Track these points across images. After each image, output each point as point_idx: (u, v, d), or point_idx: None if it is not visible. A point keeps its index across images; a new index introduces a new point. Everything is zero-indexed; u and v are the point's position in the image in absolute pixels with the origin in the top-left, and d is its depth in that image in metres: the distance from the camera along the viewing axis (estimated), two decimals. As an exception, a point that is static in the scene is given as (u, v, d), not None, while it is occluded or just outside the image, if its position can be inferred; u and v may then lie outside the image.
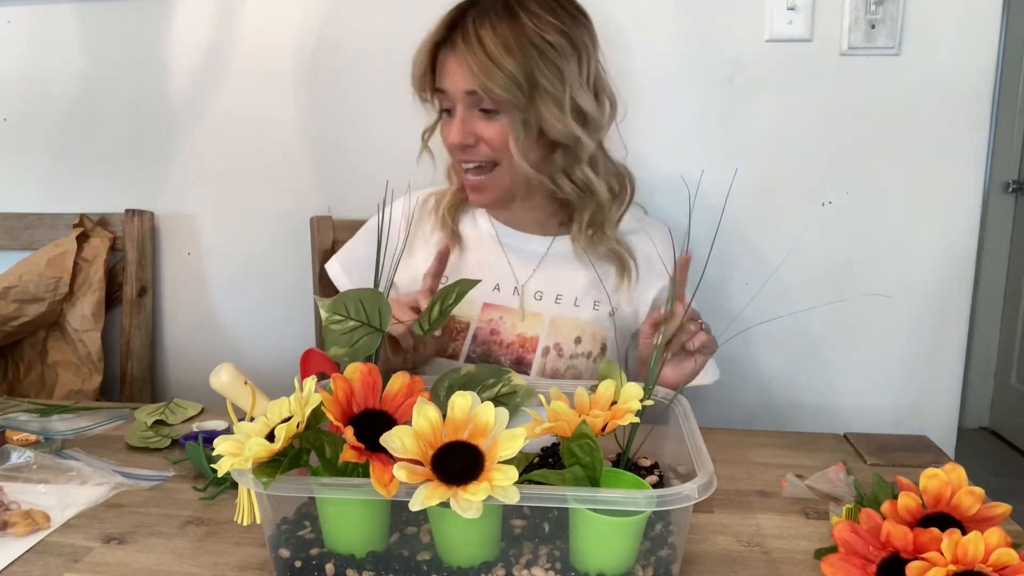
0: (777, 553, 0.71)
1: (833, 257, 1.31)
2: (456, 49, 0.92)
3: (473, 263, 1.07)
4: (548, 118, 0.91)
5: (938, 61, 1.24)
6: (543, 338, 1.03)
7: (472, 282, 0.79)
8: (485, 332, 1.04)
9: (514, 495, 0.55)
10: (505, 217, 1.08)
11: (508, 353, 1.03)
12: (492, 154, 0.96)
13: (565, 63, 0.91)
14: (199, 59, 1.40)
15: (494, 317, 1.04)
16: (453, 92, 0.94)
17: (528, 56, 0.89)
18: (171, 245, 1.47)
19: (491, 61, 0.89)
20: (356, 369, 0.65)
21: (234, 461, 0.58)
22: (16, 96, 1.47)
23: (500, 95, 0.90)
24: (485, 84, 0.90)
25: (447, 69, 0.94)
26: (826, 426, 1.31)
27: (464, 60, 0.91)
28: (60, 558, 0.69)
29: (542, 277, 1.05)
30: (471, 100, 0.93)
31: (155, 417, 1.02)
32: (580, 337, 1.03)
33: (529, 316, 1.04)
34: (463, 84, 0.92)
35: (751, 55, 1.27)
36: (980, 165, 1.27)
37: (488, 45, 0.89)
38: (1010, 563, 0.55)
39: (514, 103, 0.91)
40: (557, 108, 0.91)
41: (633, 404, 0.66)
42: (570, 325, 1.04)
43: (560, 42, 0.91)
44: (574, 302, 1.04)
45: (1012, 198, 2.87)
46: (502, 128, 0.93)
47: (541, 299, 1.04)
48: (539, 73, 0.90)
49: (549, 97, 0.91)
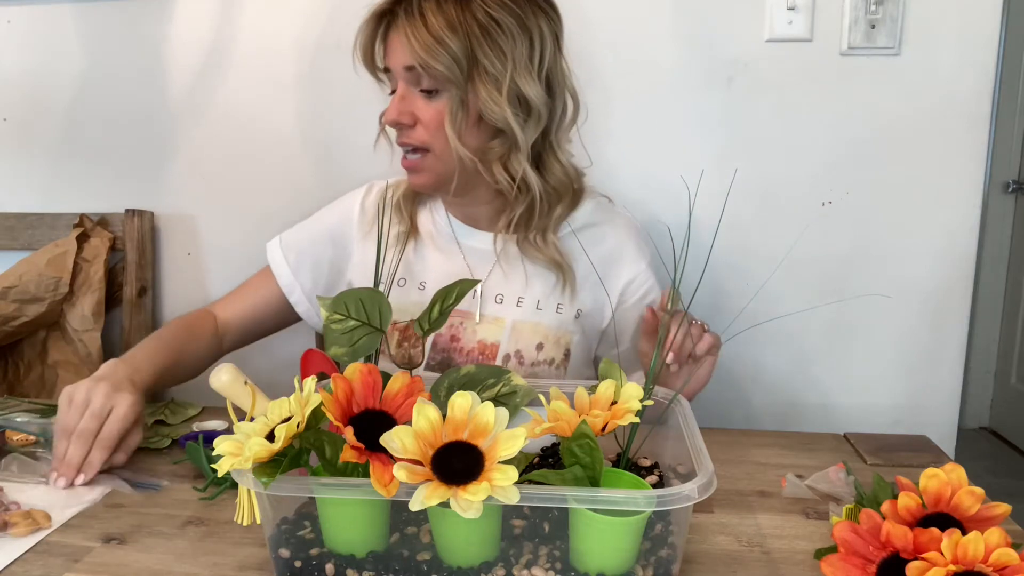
0: (777, 553, 0.71)
1: (833, 257, 1.31)
2: (398, 23, 0.90)
3: (432, 259, 1.04)
4: (485, 98, 0.88)
5: (938, 61, 1.24)
6: (504, 344, 1.00)
7: (472, 282, 0.78)
8: (445, 339, 1.01)
9: (514, 495, 0.55)
10: (459, 213, 1.04)
11: (468, 361, 1.00)
12: (427, 137, 0.92)
13: (511, 45, 0.88)
14: (199, 59, 1.40)
15: (454, 323, 1.01)
16: (394, 69, 0.92)
17: (471, 33, 0.87)
18: (171, 245, 1.47)
19: (432, 36, 0.86)
20: (356, 369, 0.65)
21: (234, 461, 0.58)
22: (16, 96, 1.47)
23: (438, 71, 0.87)
24: (424, 59, 0.87)
25: (390, 45, 0.92)
26: (826, 426, 1.31)
27: (405, 34, 0.88)
28: (60, 558, 0.69)
29: (500, 277, 1.01)
30: (411, 77, 0.91)
31: (155, 417, 1.02)
32: (542, 343, 1.00)
33: (489, 320, 1.00)
34: (403, 59, 0.90)
35: (751, 55, 1.27)
36: (980, 165, 1.27)
37: (430, 19, 0.87)
38: (1010, 563, 0.55)
39: (452, 80, 0.88)
40: (496, 90, 0.88)
41: (633, 404, 0.66)
42: (532, 330, 1.00)
43: (508, 22, 0.88)
44: (536, 305, 1.01)
45: (1012, 198, 2.87)
46: (440, 109, 0.90)
47: (502, 302, 1.01)
48: (480, 52, 0.87)
49: (489, 77, 0.88)
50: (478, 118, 0.91)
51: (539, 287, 1.01)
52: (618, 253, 1.04)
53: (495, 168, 0.93)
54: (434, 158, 0.94)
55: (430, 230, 1.05)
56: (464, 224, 1.04)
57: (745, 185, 1.26)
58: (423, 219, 1.06)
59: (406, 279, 1.03)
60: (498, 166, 0.93)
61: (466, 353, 1.01)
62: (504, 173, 0.93)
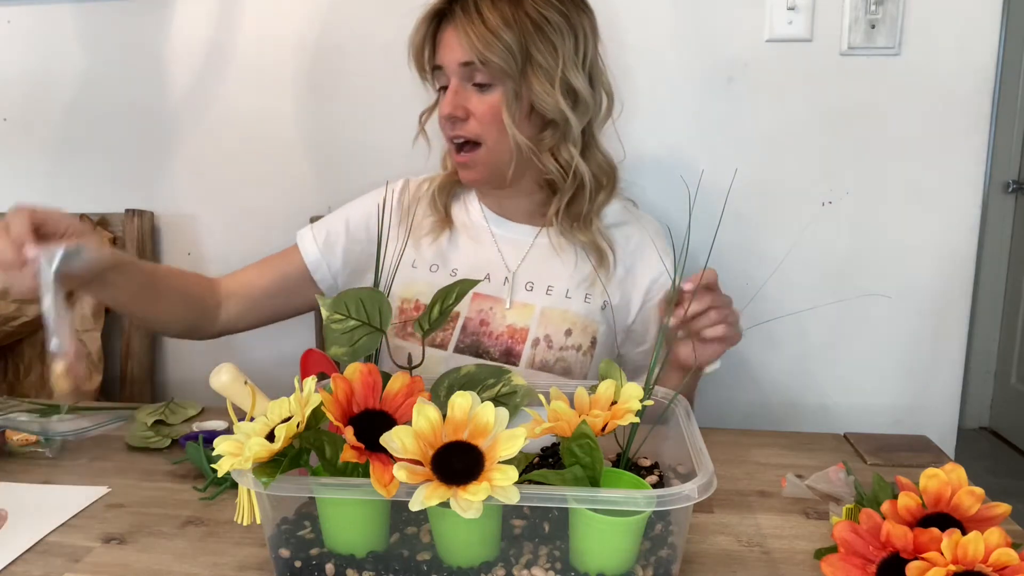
0: (777, 553, 0.71)
1: (833, 257, 1.31)
2: (455, 20, 0.94)
3: (465, 248, 1.08)
4: (539, 92, 0.94)
5: (938, 61, 1.24)
6: (533, 329, 1.03)
7: (472, 282, 0.78)
8: (475, 323, 1.04)
9: (514, 495, 0.55)
10: (495, 206, 1.09)
11: (497, 344, 1.03)
12: (479, 129, 0.97)
13: (560, 41, 0.94)
14: (199, 59, 1.40)
15: (484, 308, 1.04)
16: (448, 65, 0.96)
17: (524, 29, 0.92)
18: (171, 245, 1.47)
19: (489, 31, 0.91)
20: (356, 369, 0.65)
21: (234, 461, 0.58)
22: (16, 96, 1.47)
23: (496, 64, 0.92)
24: (482, 54, 0.92)
25: (444, 42, 0.96)
26: (826, 426, 1.31)
27: (462, 30, 0.93)
28: (60, 558, 0.69)
29: (531, 267, 1.06)
30: (465, 72, 0.95)
31: (155, 417, 1.02)
32: (571, 330, 1.03)
33: (519, 306, 1.04)
34: (459, 55, 0.94)
35: (751, 55, 1.27)
36: (980, 165, 1.27)
37: (487, 16, 0.92)
38: (1010, 563, 0.55)
39: (508, 73, 0.93)
40: (548, 83, 0.94)
41: (633, 404, 0.66)
42: (560, 317, 1.03)
43: (557, 20, 0.94)
44: (565, 294, 1.04)
45: (1012, 198, 2.87)
46: (494, 102, 0.95)
47: (532, 290, 1.05)
48: (534, 47, 0.93)
49: (542, 71, 0.93)
50: (530, 110, 0.96)
51: (568, 277, 1.05)
52: (643, 252, 1.07)
53: (545, 157, 0.98)
54: (486, 151, 0.98)
55: (464, 221, 1.10)
56: (499, 216, 1.08)
57: (745, 185, 1.26)
58: (457, 211, 1.10)
59: (439, 265, 1.07)
60: (548, 155, 0.98)
61: (495, 337, 1.03)
62: (554, 162, 0.99)
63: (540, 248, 1.06)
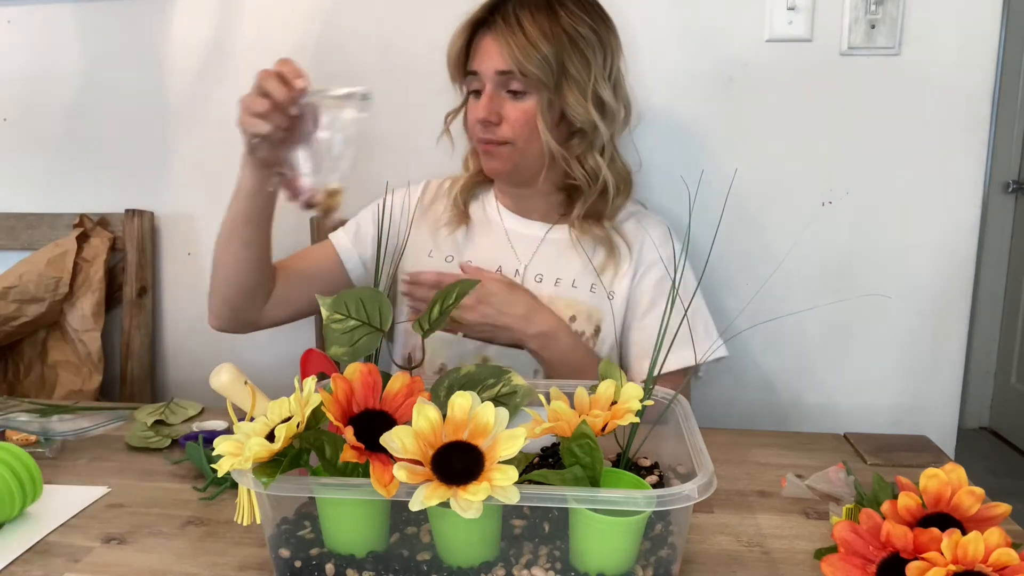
0: (777, 553, 0.71)
1: (833, 257, 1.31)
2: (496, 29, 1.00)
3: (479, 242, 1.14)
4: (572, 103, 1.00)
5: (938, 61, 1.24)
6: None
7: (472, 282, 0.79)
8: None
9: (514, 495, 0.55)
10: (511, 204, 1.14)
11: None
12: (511, 134, 1.02)
13: (592, 55, 1.00)
14: (199, 59, 1.40)
15: None
16: (485, 72, 1.01)
17: (561, 43, 0.98)
18: (171, 245, 1.47)
19: (529, 43, 0.97)
20: (356, 369, 0.65)
21: (234, 461, 0.58)
22: (16, 96, 1.47)
23: (534, 74, 0.98)
24: (522, 64, 0.97)
25: (483, 49, 1.02)
26: (826, 426, 1.31)
27: (503, 40, 0.98)
28: (60, 558, 0.69)
29: (542, 260, 1.11)
30: (501, 80, 1.00)
31: (155, 417, 1.02)
32: (575, 316, 1.08)
33: None
34: (498, 64, 0.99)
35: (751, 55, 1.27)
36: (980, 165, 1.27)
37: (527, 29, 0.98)
38: (1010, 563, 0.55)
39: (544, 84, 0.99)
40: (581, 94, 1.00)
41: (633, 404, 0.66)
42: (566, 304, 1.08)
43: (590, 36, 1.00)
44: (571, 283, 1.09)
45: (1012, 198, 2.87)
46: (528, 109, 1.01)
47: (541, 281, 1.10)
48: (568, 60, 0.99)
49: (575, 83, 1.00)
50: (559, 118, 1.02)
51: (577, 268, 1.10)
52: (647, 250, 1.11)
53: (572, 163, 1.04)
54: (514, 149, 1.04)
55: (480, 217, 1.16)
56: (514, 214, 1.14)
57: (745, 185, 1.26)
58: (474, 208, 1.17)
59: (454, 256, 1.13)
60: (575, 162, 1.04)
61: None
62: (580, 167, 1.05)
63: (551, 244, 1.12)
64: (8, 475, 0.72)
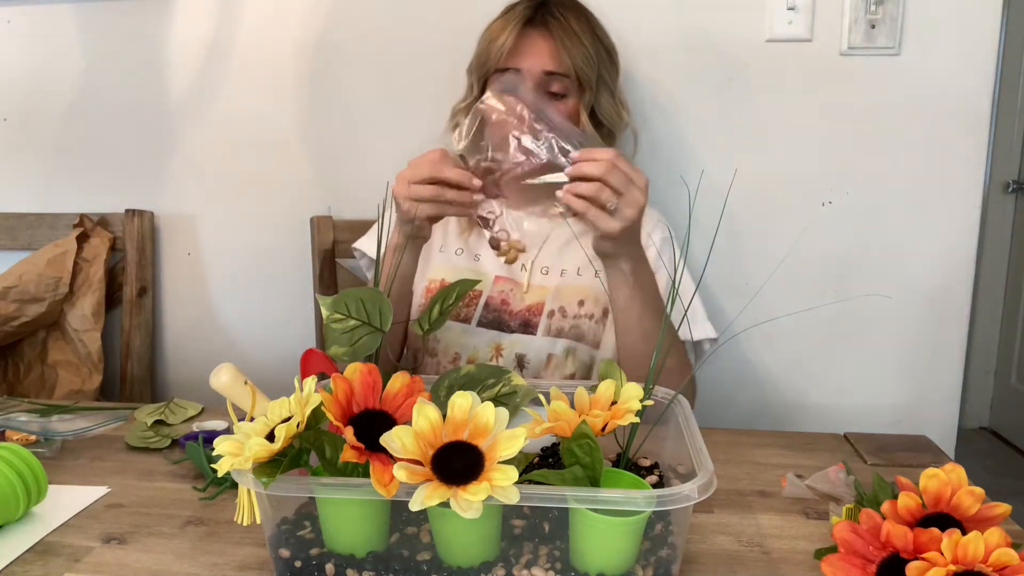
0: (777, 553, 0.71)
1: (833, 257, 1.31)
2: (549, 29, 1.04)
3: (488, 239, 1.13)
4: (605, 105, 1.08)
5: (938, 61, 1.24)
6: (548, 303, 1.10)
7: (472, 282, 0.80)
8: (496, 301, 1.12)
9: (514, 495, 0.55)
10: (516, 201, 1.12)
11: (516, 319, 1.10)
12: None
13: (615, 66, 1.11)
14: (199, 59, 1.40)
15: (505, 289, 1.12)
16: (530, 69, 1.03)
17: (599, 52, 1.06)
18: (171, 245, 1.48)
19: (582, 45, 1.03)
20: (356, 369, 0.65)
21: (234, 461, 0.58)
22: (16, 96, 1.47)
23: (586, 77, 1.04)
24: (578, 63, 1.03)
25: (528, 48, 1.04)
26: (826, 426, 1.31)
27: (556, 41, 1.03)
28: (60, 558, 0.69)
29: (547, 254, 1.13)
30: (545, 80, 1.04)
31: (155, 417, 1.02)
32: (583, 300, 1.10)
33: (536, 288, 1.12)
34: (547, 64, 1.03)
35: (751, 55, 1.27)
36: (980, 165, 1.27)
37: (578, 31, 1.04)
38: (1010, 563, 0.55)
39: (588, 86, 1.05)
40: (612, 98, 1.09)
41: (633, 404, 0.66)
42: (573, 291, 1.10)
43: (610, 42, 1.10)
44: (577, 271, 1.12)
45: (1012, 198, 2.87)
46: (570, 110, 1.05)
47: (547, 273, 1.13)
48: (604, 68, 1.07)
49: (606, 87, 1.08)
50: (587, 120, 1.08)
51: (581, 257, 1.11)
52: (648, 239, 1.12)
53: None
54: None
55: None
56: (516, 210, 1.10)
57: (745, 185, 1.26)
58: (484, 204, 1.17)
59: (463, 249, 1.16)
60: None
61: (515, 314, 1.11)
62: None
63: (556, 239, 1.14)
64: (13, 476, 0.72)
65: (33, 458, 0.75)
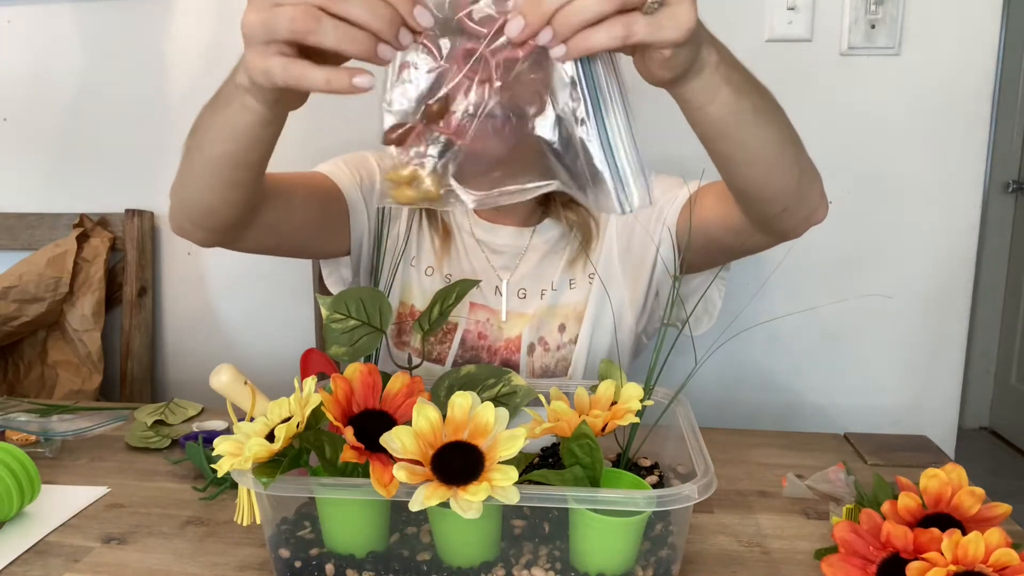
0: (777, 553, 0.71)
1: (833, 257, 1.31)
2: None
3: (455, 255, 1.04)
4: None
5: (938, 61, 1.24)
6: (525, 335, 1.01)
7: (472, 282, 0.79)
8: (473, 335, 1.02)
9: (514, 495, 0.55)
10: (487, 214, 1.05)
11: (496, 357, 1.02)
12: None
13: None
14: (199, 58, 1.40)
15: (481, 319, 1.02)
16: None
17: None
18: (171, 245, 1.48)
19: None
20: (356, 369, 0.65)
21: (234, 461, 0.58)
22: (16, 96, 1.47)
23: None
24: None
25: None
26: (826, 426, 1.31)
27: None
28: (60, 558, 0.69)
29: (524, 273, 1.03)
30: None
31: (155, 417, 1.02)
32: (563, 324, 1.02)
33: (514, 316, 1.02)
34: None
35: (751, 55, 1.26)
36: (980, 165, 1.27)
37: None
38: (1010, 563, 0.55)
39: None
40: None
41: (633, 404, 0.66)
42: (550, 314, 1.02)
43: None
44: (551, 286, 1.02)
45: (1012, 198, 2.87)
46: None
47: (525, 297, 1.03)
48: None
49: None
50: None
51: (552, 271, 1.03)
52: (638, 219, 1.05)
53: None
54: None
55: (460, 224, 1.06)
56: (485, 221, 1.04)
57: (745, 185, 1.26)
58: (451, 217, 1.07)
59: (433, 268, 1.05)
60: None
61: (494, 352, 1.02)
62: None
63: (533, 251, 1.04)
64: (5, 474, 0.72)
65: (26, 457, 0.75)
